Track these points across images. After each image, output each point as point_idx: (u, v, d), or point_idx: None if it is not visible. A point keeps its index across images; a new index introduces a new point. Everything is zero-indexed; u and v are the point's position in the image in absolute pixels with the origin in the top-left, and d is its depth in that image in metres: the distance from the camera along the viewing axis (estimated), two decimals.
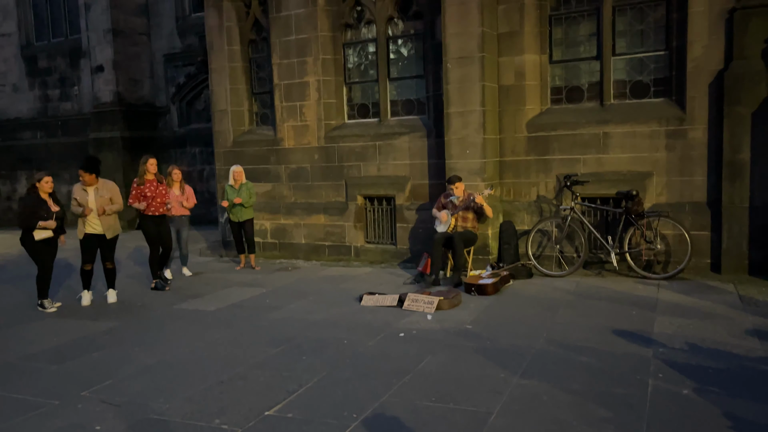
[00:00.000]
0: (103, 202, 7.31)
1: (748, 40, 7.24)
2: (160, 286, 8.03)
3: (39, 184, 7.05)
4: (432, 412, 3.94)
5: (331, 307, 6.74)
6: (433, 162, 9.01)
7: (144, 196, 7.94)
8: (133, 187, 8.06)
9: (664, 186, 7.89)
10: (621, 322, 5.74)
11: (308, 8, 9.58)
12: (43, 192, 7.08)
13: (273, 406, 4.15)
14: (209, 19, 10.51)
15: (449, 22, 8.27)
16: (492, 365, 4.73)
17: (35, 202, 7.02)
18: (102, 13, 14.82)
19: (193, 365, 5.05)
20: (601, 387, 4.22)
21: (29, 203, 7.03)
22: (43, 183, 7.04)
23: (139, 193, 7.97)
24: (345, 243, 9.77)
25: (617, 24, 8.16)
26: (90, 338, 5.95)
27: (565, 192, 8.22)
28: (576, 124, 8.26)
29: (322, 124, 9.77)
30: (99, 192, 7.35)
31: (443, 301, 6.47)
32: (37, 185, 7.06)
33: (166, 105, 15.62)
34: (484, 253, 8.41)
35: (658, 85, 8.03)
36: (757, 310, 5.94)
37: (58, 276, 8.10)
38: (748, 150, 7.27)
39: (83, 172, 7.27)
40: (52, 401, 4.40)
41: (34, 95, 17.16)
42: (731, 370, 4.45)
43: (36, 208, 6.97)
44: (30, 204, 7.02)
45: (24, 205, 7.08)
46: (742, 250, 7.38)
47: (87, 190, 7.33)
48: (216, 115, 10.67)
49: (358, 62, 9.88)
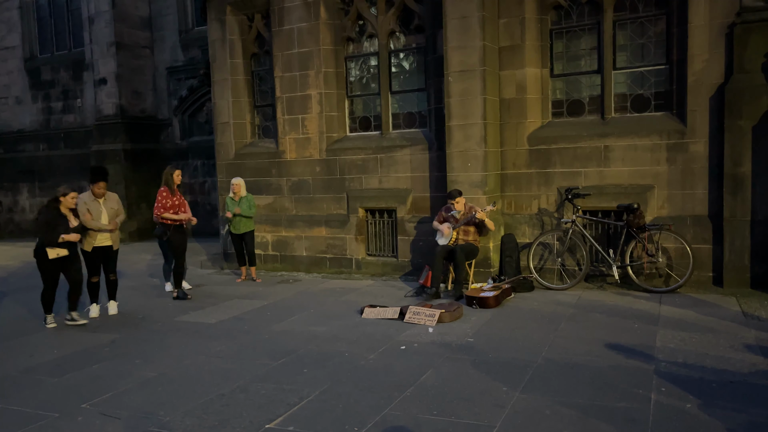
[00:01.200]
0: (112, 213, 7.30)
1: (749, 54, 7.27)
2: (182, 295, 8.13)
3: (63, 199, 6.76)
4: (434, 425, 3.92)
5: (332, 320, 6.73)
6: (434, 175, 9.03)
7: (172, 207, 8.01)
8: (163, 197, 8.03)
9: (665, 199, 7.90)
10: (623, 335, 5.72)
11: (311, 22, 9.64)
12: (65, 207, 6.81)
13: (274, 419, 4.13)
14: (212, 32, 10.59)
15: (450, 36, 8.32)
16: (494, 379, 4.71)
17: (55, 217, 6.73)
18: (105, 26, 14.95)
19: (194, 378, 5.04)
20: (604, 401, 4.20)
21: (49, 217, 6.71)
22: (68, 198, 6.77)
23: (165, 203, 8.01)
24: (346, 255, 9.76)
25: (618, 38, 8.20)
26: (90, 351, 5.94)
27: (567, 205, 8.22)
28: (577, 137, 8.28)
29: (324, 137, 9.80)
30: (108, 203, 7.31)
31: (445, 314, 6.46)
32: (61, 199, 6.76)
33: (168, 117, 15.70)
34: (485, 266, 8.39)
35: (659, 98, 8.06)
36: (759, 324, 5.91)
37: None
38: (749, 163, 7.28)
39: (102, 183, 7.18)
40: (51, 414, 4.38)
41: (37, 108, 17.26)
42: (734, 384, 4.43)
43: (55, 222, 6.69)
44: (50, 218, 6.71)
45: (44, 218, 6.73)
46: (744, 263, 7.36)
47: (99, 202, 7.24)
48: (218, 128, 10.71)
49: (359, 75, 9.93)
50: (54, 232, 6.63)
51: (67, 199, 6.77)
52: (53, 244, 6.68)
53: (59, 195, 6.79)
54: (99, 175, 7.26)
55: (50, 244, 6.67)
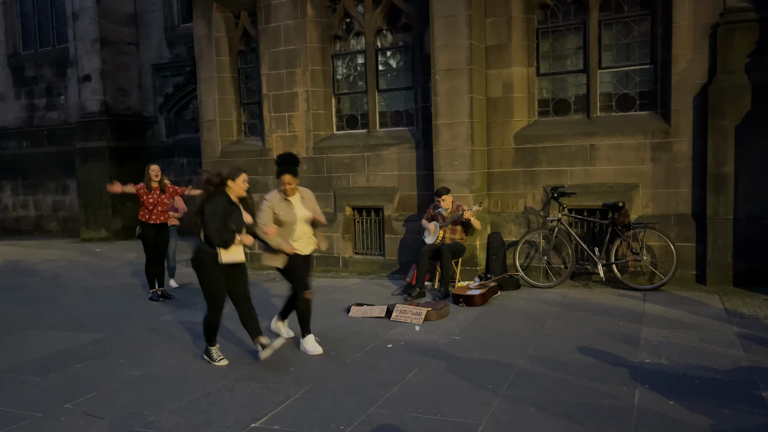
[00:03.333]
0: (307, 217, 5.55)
1: (732, 54, 7.35)
2: (155, 297, 7.98)
3: (234, 183, 5.00)
4: (420, 423, 3.93)
5: (318, 319, 6.70)
6: (421, 173, 9.04)
7: (147, 204, 7.88)
8: (140, 194, 7.91)
9: (650, 198, 7.97)
10: (608, 333, 5.76)
11: (297, 20, 9.61)
12: (234, 195, 5.06)
13: (260, 417, 4.12)
14: (198, 29, 10.52)
15: (437, 35, 8.33)
16: (480, 376, 4.72)
17: (228, 207, 5.00)
18: (90, 22, 14.77)
19: (180, 377, 5.01)
20: (589, 398, 4.23)
21: (219, 209, 4.93)
22: (239, 182, 5.01)
23: (143, 200, 7.89)
24: (333, 254, 9.75)
25: (603, 38, 8.25)
26: (74, 350, 5.88)
27: (553, 203, 8.27)
28: (563, 136, 8.33)
29: (311, 135, 9.78)
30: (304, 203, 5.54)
31: (431, 312, 6.47)
32: (230, 184, 5.00)
33: (154, 115, 15.56)
34: (472, 264, 8.42)
35: (644, 98, 8.12)
36: (741, 322, 5.98)
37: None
38: (732, 163, 7.36)
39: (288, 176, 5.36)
40: (35, 414, 4.34)
41: (20, 104, 17.05)
42: (717, 381, 4.48)
43: (226, 217, 4.95)
44: (221, 210, 4.93)
45: (212, 211, 4.91)
46: (727, 261, 7.45)
47: (290, 203, 5.45)
48: (204, 126, 10.65)
49: (347, 73, 9.92)
50: (225, 228, 4.95)
51: (237, 183, 5.01)
52: (228, 245, 4.99)
53: (224, 178, 4.99)
54: (285, 165, 5.39)
55: (225, 244, 4.97)
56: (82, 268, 10.81)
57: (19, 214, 17.36)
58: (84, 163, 14.82)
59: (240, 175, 5.03)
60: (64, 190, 16.53)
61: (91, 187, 14.52)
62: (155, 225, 7.92)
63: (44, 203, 16.95)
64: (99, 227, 14.67)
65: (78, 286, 9.23)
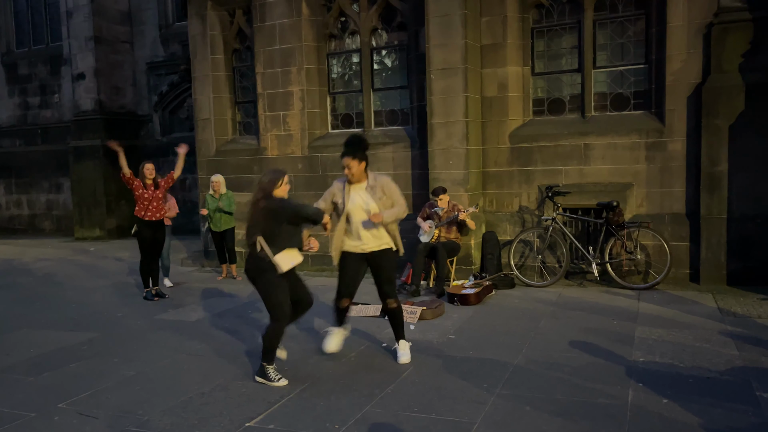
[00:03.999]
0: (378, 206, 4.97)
1: (726, 54, 7.38)
2: (149, 296, 7.94)
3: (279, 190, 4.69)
4: (414, 422, 3.93)
5: (313, 317, 6.71)
6: (416, 172, 9.04)
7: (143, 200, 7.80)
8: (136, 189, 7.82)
9: (644, 197, 7.99)
10: (602, 332, 5.77)
11: (292, 18, 9.59)
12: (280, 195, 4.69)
13: (254, 417, 4.11)
14: (192, 27, 10.49)
15: (433, 34, 8.33)
16: (475, 375, 4.73)
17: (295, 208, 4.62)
18: (84, 20, 14.71)
19: (174, 376, 4.99)
20: (583, 397, 4.24)
21: (287, 208, 4.58)
22: (284, 186, 4.73)
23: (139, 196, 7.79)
24: (329, 253, 9.69)
25: (598, 37, 8.28)
26: (68, 349, 5.86)
27: (547, 203, 8.28)
28: (558, 135, 8.34)
29: (306, 134, 9.76)
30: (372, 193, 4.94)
31: (426, 311, 6.47)
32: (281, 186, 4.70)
33: (148, 113, 15.51)
34: (466, 263, 8.43)
35: (638, 97, 8.14)
36: (735, 321, 6.01)
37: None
38: (725, 162, 7.39)
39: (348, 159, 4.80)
40: (28, 413, 4.31)
41: (13, 103, 16.96)
42: (710, 379, 4.50)
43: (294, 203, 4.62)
44: (286, 199, 4.62)
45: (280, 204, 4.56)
46: (721, 260, 7.48)
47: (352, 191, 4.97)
48: (199, 124, 10.62)
49: (342, 72, 9.91)
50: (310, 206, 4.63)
51: (283, 187, 4.72)
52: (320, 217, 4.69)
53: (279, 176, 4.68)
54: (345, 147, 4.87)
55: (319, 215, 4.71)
56: (76, 267, 10.77)
57: (12, 212, 17.28)
58: (78, 161, 14.76)
59: (282, 177, 4.71)
60: (58, 189, 16.46)
61: (85, 186, 14.47)
62: (152, 222, 7.86)
63: (38, 202, 16.88)
64: (93, 226, 14.62)
65: (72, 285, 9.19)
